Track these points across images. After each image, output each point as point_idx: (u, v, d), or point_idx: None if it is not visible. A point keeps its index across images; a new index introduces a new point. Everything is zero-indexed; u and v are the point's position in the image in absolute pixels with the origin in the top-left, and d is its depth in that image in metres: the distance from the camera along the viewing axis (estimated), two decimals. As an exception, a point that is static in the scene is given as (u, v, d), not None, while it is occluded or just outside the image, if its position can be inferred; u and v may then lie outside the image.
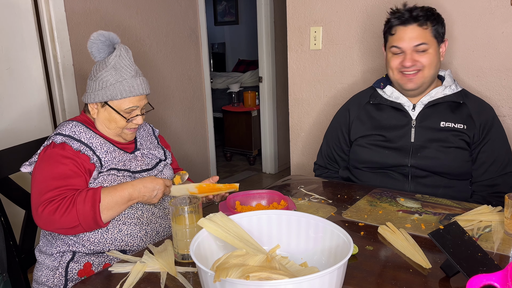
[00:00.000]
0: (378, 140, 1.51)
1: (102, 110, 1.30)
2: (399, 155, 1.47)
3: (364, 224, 1.17)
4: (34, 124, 2.17)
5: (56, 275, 1.21)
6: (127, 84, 1.26)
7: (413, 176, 1.46)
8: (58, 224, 1.15)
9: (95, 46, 1.28)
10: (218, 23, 6.54)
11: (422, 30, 1.39)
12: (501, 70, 1.69)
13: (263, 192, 1.26)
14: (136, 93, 1.28)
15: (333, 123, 1.69)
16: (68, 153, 1.22)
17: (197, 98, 3.15)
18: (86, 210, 1.14)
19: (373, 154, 1.51)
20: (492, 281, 0.67)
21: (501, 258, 0.98)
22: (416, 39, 1.39)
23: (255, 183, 3.91)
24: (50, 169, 1.20)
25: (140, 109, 1.32)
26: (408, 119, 1.48)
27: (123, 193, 1.19)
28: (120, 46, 1.29)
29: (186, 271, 0.96)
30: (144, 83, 1.31)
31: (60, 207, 1.14)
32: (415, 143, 1.46)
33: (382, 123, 1.52)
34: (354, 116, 1.59)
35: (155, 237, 1.28)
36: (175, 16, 2.87)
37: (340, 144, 1.64)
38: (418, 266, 0.95)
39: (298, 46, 2.20)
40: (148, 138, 1.46)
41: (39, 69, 2.17)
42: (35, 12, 2.13)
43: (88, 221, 1.16)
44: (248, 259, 0.79)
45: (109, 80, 1.26)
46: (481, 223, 1.13)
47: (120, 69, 1.26)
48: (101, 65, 1.28)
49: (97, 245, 1.21)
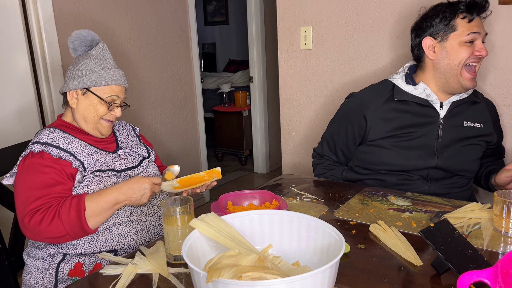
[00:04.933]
0: (404, 140, 1.43)
1: (82, 98, 1.29)
2: (424, 155, 1.42)
3: (356, 222, 1.18)
4: (22, 125, 2.14)
5: (46, 276, 1.20)
6: (110, 73, 1.30)
7: (433, 179, 1.44)
8: (45, 234, 1.15)
9: (78, 40, 1.31)
10: (208, 23, 6.52)
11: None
12: (489, 69, 1.71)
13: (255, 192, 1.26)
14: (118, 82, 1.31)
15: (342, 120, 1.56)
16: (48, 162, 1.20)
17: (187, 98, 3.14)
18: (71, 220, 1.14)
19: (396, 157, 1.43)
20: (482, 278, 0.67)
21: (491, 254, 0.99)
22: (484, 29, 1.37)
23: (246, 183, 3.91)
24: (31, 179, 1.18)
25: (119, 101, 1.33)
26: (435, 117, 1.42)
27: (108, 198, 1.18)
28: (104, 42, 1.35)
29: (179, 272, 0.96)
30: (124, 76, 1.35)
31: (45, 218, 1.13)
32: (440, 142, 1.42)
33: (408, 121, 1.43)
34: (374, 117, 1.45)
35: (146, 235, 1.28)
36: (165, 16, 2.86)
37: (348, 142, 1.54)
38: (409, 263, 0.95)
39: (288, 46, 2.21)
40: (129, 137, 1.45)
41: (27, 70, 2.14)
42: (23, 13, 2.11)
43: (76, 230, 1.15)
44: (241, 259, 0.79)
45: (93, 67, 1.28)
46: (470, 220, 1.14)
47: (103, 60, 1.31)
48: (83, 57, 1.31)
49: (88, 248, 1.21)
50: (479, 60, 1.38)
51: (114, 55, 2.51)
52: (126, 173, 1.32)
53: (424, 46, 1.42)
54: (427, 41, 1.41)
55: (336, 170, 1.64)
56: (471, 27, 1.34)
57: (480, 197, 1.78)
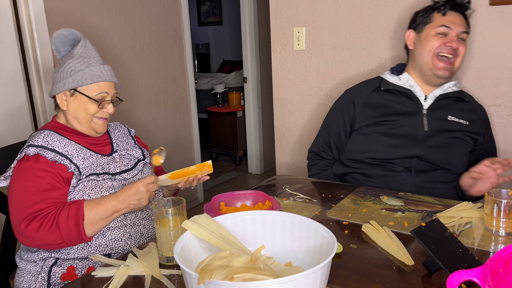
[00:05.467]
0: (388, 127, 1.49)
1: (71, 99, 1.27)
2: (408, 144, 1.46)
3: (348, 222, 1.18)
4: (14, 126, 2.12)
5: (38, 279, 1.19)
6: (96, 70, 1.27)
7: (416, 170, 1.46)
8: (41, 241, 1.14)
9: (59, 40, 1.29)
10: (202, 24, 6.52)
11: (466, 22, 1.47)
12: (480, 69, 1.72)
13: (248, 193, 1.26)
14: (105, 79, 1.28)
15: (334, 112, 1.65)
16: (43, 166, 1.18)
17: (181, 99, 3.14)
18: (70, 228, 1.13)
19: (380, 144, 1.48)
20: (471, 277, 0.68)
21: (482, 253, 0.99)
22: (463, 26, 1.45)
23: (241, 183, 3.91)
24: (27, 184, 1.16)
25: (110, 97, 1.30)
26: (419, 108, 1.49)
27: (107, 207, 1.17)
28: (86, 39, 1.31)
29: (171, 274, 0.96)
30: (111, 71, 1.32)
31: (44, 225, 1.12)
32: (425, 132, 1.46)
33: (392, 108, 1.50)
34: (362, 103, 1.55)
35: (140, 239, 1.27)
36: (158, 17, 2.85)
37: (339, 132, 1.60)
38: (401, 263, 0.96)
39: (281, 47, 2.21)
40: (124, 139, 1.43)
41: (19, 71, 2.12)
42: (14, 13, 2.09)
43: (73, 238, 1.15)
44: (232, 260, 0.79)
45: (78, 66, 1.26)
46: (462, 219, 1.15)
47: (87, 57, 1.27)
48: (67, 57, 1.28)
49: (81, 252, 1.20)
50: (453, 52, 1.44)
51: (107, 56, 2.51)
52: (122, 176, 1.30)
53: (406, 38, 1.55)
54: (409, 34, 1.54)
55: (330, 170, 1.65)
56: (444, 21, 1.45)
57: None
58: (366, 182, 1.52)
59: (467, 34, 1.47)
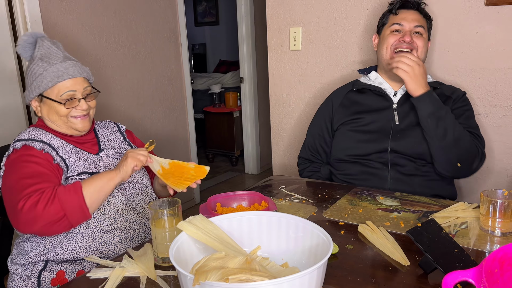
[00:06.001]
0: (360, 124, 1.55)
1: (42, 105, 1.26)
2: (380, 139, 1.51)
3: (345, 223, 1.18)
4: (8, 127, 2.11)
5: (28, 284, 1.18)
6: (54, 70, 1.22)
7: (392, 164, 1.49)
8: (41, 218, 1.08)
9: (20, 46, 1.26)
10: (198, 24, 6.51)
11: (421, 16, 1.55)
12: (475, 69, 1.72)
13: (244, 194, 1.26)
14: (66, 77, 1.22)
15: (316, 115, 1.73)
16: (34, 152, 1.18)
17: (177, 99, 3.13)
18: (69, 198, 1.11)
19: (355, 140, 1.54)
20: (467, 277, 0.68)
21: (477, 254, 1.00)
22: (417, 21, 1.52)
23: (237, 184, 3.91)
24: (20, 171, 1.15)
25: (80, 93, 1.25)
26: (389, 103, 1.55)
27: (102, 175, 1.18)
28: (43, 38, 1.27)
29: (167, 275, 0.95)
30: (75, 66, 1.25)
31: (42, 199, 1.08)
32: (396, 126, 1.51)
33: (364, 106, 1.58)
34: (337, 104, 1.65)
35: (130, 243, 1.25)
36: (154, 17, 2.85)
37: (323, 134, 1.67)
38: (397, 263, 0.96)
39: (278, 47, 2.21)
40: (112, 137, 1.41)
41: (14, 71, 2.11)
42: (9, 13, 2.08)
43: (74, 209, 1.11)
44: (228, 261, 0.78)
45: (37, 71, 1.22)
46: (457, 219, 1.15)
47: (46, 58, 1.23)
48: (30, 61, 1.26)
49: (71, 253, 1.18)
50: (410, 46, 1.50)
51: (103, 55, 2.50)
52: None
53: (373, 42, 1.65)
54: (374, 38, 1.65)
55: (320, 172, 1.68)
56: (396, 19, 1.55)
57: (464, 197, 1.80)
58: (349, 180, 1.56)
59: (422, 28, 1.52)
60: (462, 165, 1.41)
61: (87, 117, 1.29)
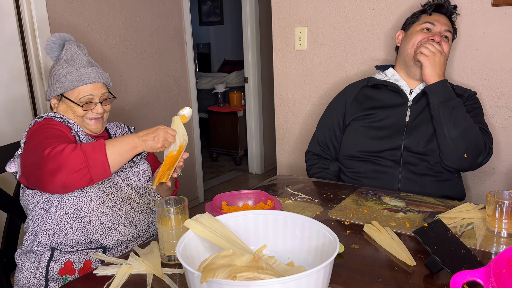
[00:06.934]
0: (374, 120, 1.55)
1: (60, 104, 1.34)
2: (393, 135, 1.50)
3: (350, 223, 1.18)
4: (15, 125, 2.13)
5: (36, 275, 1.20)
6: (77, 74, 1.30)
7: (405, 162, 1.49)
8: (65, 166, 1.09)
9: (48, 46, 1.34)
10: (203, 23, 6.51)
11: (450, 24, 1.58)
12: (482, 70, 1.72)
13: (250, 192, 1.26)
14: (87, 82, 1.31)
15: (328, 109, 1.73)
16: (55, 122, 1.25)
17: (182, 98, 3.14)
18: (93, 152, 1.13)
19: (367, 137, 1.54)
20: (475, 277, 0.68)
21: (484, 254, 0.99)
22: (447, 26, 1.55)
23: (241, 183, 3.91)
24: (42, 134, 1.20)
25: (97, 98, 1.33)
26: (404, 100, 1.55)
27: (127, 140, 1.19)
28: (71, 42, 1.35)
29: (173, 273, 0.96)
30: (97, 72, 1.33)
31: (67, 148, 1.12)
32: (410, 123, 1.51)
33: (378, 102, 1.58)
34: (351, 98, 1.64)
35: (134, 231, 1.28)
36: (160, 16, 2.85)
37: (334, 128, 1.66)
38: (403, 263, 0.96)
39: (283, 47, 2.21)
40: (122, 134, 1.47)
41: (21, 69, 2.13)
42: (17, 12, 2.09)
43: (97, 163, 1.12)
44: (235, 259, 0.78)
45: (61, 72, 1.30)
46: (464, 220, 1.15)
47: (71, 61, 1.32)
48: (55, 62, 1.34)
49: (79, 235, 1.20)
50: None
51: (108, 55, 2.51)
52: (121, 171, 1.33)
53: (396, 38, 1.65)
54: (399, 34, 1.64)
55: (329, 169, 1.66)
56: (429, 18, 1.55)
57: (470, 198, 1.80)
58: (358, 179, 1.55)
59: (451, 34, 1.55)
60: (468, 156, 1.41)
61: (101, 120, 1.36)
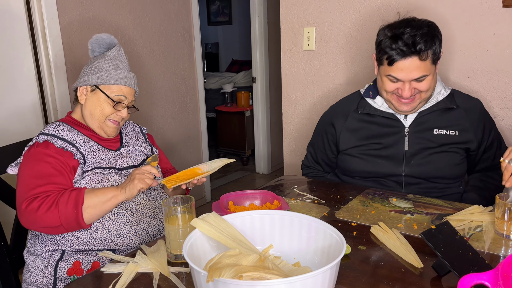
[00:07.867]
0: (371, 149, 1.47)
1: (91, 95, 1.32)
2: (392, 164, 1.44)
3: (357, 224, 1.18)
4: (26, 123, 2.15)
5: (45, 274, 1.21)
6: (122, 73, 1.33)
7: (407, 183, 1.45)
8: (40, 222, 1.15)
9: (97, 42, 1.36)
10: (211, 23, 6.53)
11: (422, 62, 1.28)
12: (492, 71, 1.70)
13: (256, 192, 1.26)
14: (128, 83, 1.33)
15: (318, 131, 1.64)
16: (51, 152, 1.22)
17: (190, 98, 3.15)
18: (68, 211, 1.15)
19: (365, 164, 1.47)
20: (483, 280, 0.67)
21: (492, 257, 0.98)
22: (416, 71, 1.29)
23: (248, 183, 3.91)
24: (34, 167, 1.21)
25: (127, 102, 1.35)
26: (400, 128, 1.45)
27: (106, 190, 1.19)
28: (120, 46, 1.39)
29: (179, 271, 0.96)
30: (134, 79, 1.38)
31: (43, 205, 1.14)
32: (408, 151, 1.43)
33: (374, 132, 1.47)
34: (341, 128, 1.52)
35: (145, 237, 1.28)
36: (168, 16, 2.86)
37: (325, 150, 1.60)
38: (410, 265, 0.95)
39: (291, 47, 2.21)
40: (134, 136, 1.46)
41: (31, 68, 2.15)
42: (27, 11, 2.11)
43: (70, 222, 1.16)
44: (241, 259, 0.79)
45: (106, 66, 1.32)
46: (472, 223, 1.14)
47: (117, 61, 1.34)
48: (99, 57, 1.36)
49: (86, 245, 1.21)
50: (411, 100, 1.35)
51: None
52: (128, 171, 1.33)
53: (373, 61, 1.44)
54: (374, 59, 1.42)
55: (325, 177, 1.66)
56: (391, 70, 1.31)
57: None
58: None
59: (425, 76, 1.30)
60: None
61: (118, 126, 1.36)
